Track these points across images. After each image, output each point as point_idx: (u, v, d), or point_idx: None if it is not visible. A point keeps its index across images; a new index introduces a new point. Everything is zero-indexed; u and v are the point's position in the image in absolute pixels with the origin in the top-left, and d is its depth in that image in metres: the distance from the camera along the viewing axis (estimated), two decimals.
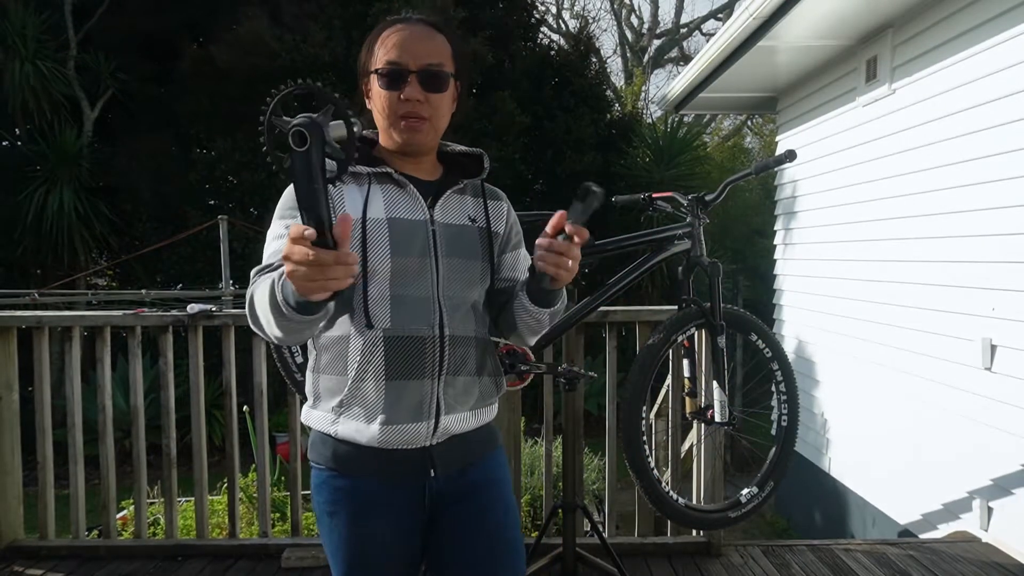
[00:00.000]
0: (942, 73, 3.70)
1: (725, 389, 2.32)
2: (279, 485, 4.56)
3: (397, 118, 1.24)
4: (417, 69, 1.22)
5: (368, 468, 1.24)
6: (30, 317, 2.86)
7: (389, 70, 1.23)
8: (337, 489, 1.25)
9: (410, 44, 1.23)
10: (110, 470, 2.88)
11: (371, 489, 1.25)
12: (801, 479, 5.33)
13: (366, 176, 1.26)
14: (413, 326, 1.22)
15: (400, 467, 1.24)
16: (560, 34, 16.64)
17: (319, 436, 1.28)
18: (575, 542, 2.51)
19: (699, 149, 10.55)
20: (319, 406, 1.27)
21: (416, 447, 1.24)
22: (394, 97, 1.23)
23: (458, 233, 1.28)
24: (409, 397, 1.22)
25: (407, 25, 1.26)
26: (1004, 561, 2.89)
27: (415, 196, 1.27)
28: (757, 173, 2.39)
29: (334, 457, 1.25)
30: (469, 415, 1.29)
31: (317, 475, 1.28)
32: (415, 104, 1.23)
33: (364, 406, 1.22)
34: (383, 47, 1.24)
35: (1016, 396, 3.14)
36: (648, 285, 8.50)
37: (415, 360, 1.21)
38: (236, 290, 7.13)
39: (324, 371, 1.26)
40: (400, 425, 1.21)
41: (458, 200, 1.32)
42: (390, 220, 1.23)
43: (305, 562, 2.74)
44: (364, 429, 1.22)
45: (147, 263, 8.24)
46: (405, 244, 1.22)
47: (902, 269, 4.07)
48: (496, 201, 1.39)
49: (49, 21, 8.06)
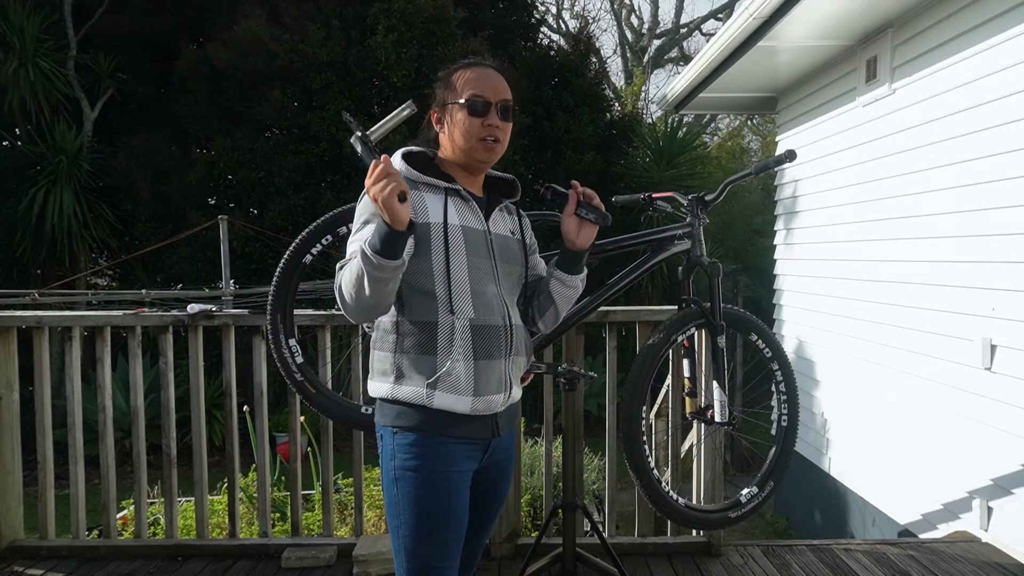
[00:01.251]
0: (942, 73, 3.70)
1: (725, 389, 2.32)
2: (279, 485, 4.56)
3: (479, 140, 1.54)
4: (496, 102, 1.54)
5: (457, 430, 1.52)
6: (30, 317, 2.86)
7: (475, 102, 1.53)
8: (427, 445, 1.50)
9: (491, 83, 1.55)
10: (110, 470, 2.88)
11: (454, 446, 1.52)
12: (801, 479, 5.33)
13: (442, 189, 1.54)
14: (491, 317, 1.52)
15: (478, 428, 1.55)
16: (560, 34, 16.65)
17: (410, 406, 1.50)
18: (575, 542, 2.51)
19: (699, 149, 10.56)
20: (406, 382, 1.50)
21: (490, 413, 1.55)
22: (478, 123, 1.53)
23: (506, 243, 1.61)
24: (492, 373, 1.52)
25: (484, 69, 1.57)
26: (1004, 561, 2.89)
27: (476, 210, 1.57)
28: (757, 173, 2.40)
29: (428, 421, 1.49)
30: (518, 388, 1.62)
31: (404, 436, 1.51)
32: (494, 129, 1.54)
33: (458, 381, 1.48)
34: (467, 85, 1.54)
35: (1016, 396, 3.14)
36: (648, 285, 8.50)
37: (494, 344, 1.52)
38: (236, 290, 7.13)
39: (410, 352, 1.50)
40: (488, 396, 1.52)
41: (501, 216, 1.65)
42: (464, 227, 1.53)
43: (305, 562, 2.74)
44: (460, 400, 1.49)
45: (147, 263, 8.24)
46: (475, 247, 1.53)
47: (902, 269, 4.07)
48: (525, 219, 1.73)
49: (49, 21, 8.07)
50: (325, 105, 8.03)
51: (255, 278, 7.82)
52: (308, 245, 2.18)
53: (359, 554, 2.64)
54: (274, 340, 2.22)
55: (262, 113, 8.08)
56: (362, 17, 8.19)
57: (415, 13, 7.96)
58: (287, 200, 7.98)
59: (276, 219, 7.93)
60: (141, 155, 8.18)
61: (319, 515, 3.54)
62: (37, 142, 7.98)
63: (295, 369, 2.23)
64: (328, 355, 2.73)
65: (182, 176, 8.13)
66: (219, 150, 8.10)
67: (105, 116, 8.65)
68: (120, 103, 8.70)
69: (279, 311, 2.21)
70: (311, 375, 2.26)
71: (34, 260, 8.26)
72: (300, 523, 2.93)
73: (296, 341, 2.24)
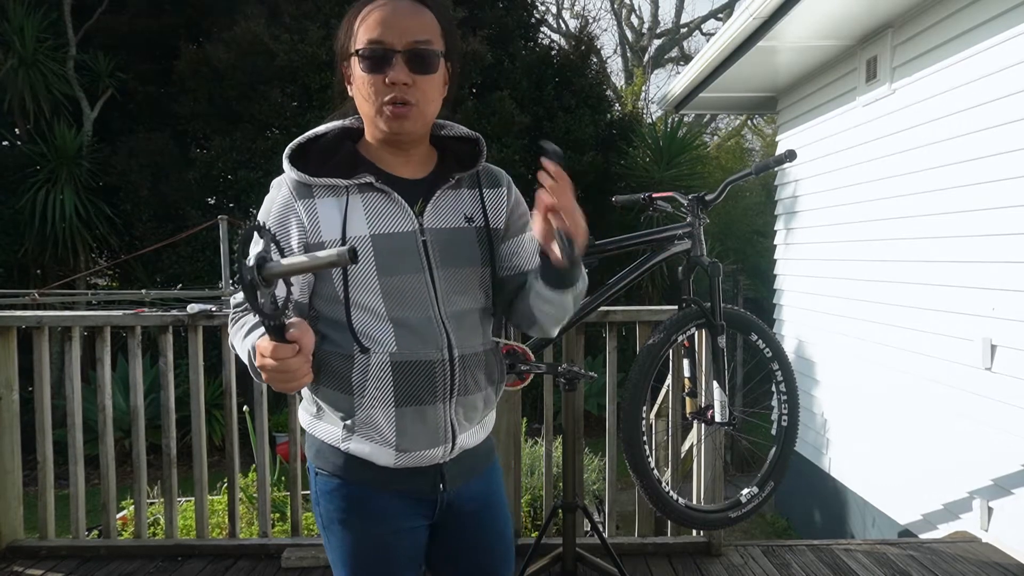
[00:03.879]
0: (942, 73, 3.70)
1: (725, 389, 2.31)
2: (279, 485, 4.56)
3: (381, 105, 1.12)
4: (403, 48, 1.10)
5: (382, 483, 1.20)
6: (30, 317, 2.85)
7: (372, 51, 1.10)
8: (349, 497, 1.20)
9: (394, 21, 1.10)
10: (110, 470, 2.88)
11: (384, 501, 1.21)
12: (801, 479, 5.33)
13: (344, 188, 1.15)
14: (421, 349, 1.14)
15: (413, 483, 1.21)
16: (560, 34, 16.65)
17: (327, 446, 1.21)
18: (575, 542, 2.51)
19: (699, 149, 10.55)
20: (324, 417, 1.21)
21: (430, 465, 1.21)
22: (378, 81, 1.11)
23: (452, 239, 1.18)
24: (423, 423, 1.16)
25: (390, 1, 1.12)
26: (1004, 561, 2.89)
27: (401, 204, 1.16)
28: (757, 173, 2.39)
29: (346, 468, 1.20)
30: (478, 428, 1.26)
31: (325, 482, 1.22)
32: (401, 88, 1.10)
33: (376, 432, 1.16)
34: (363, 25, 1.12)
35: (1016, 396, 3.14)
36: (648, 285, 8.49)
37: (424, 385, 1.15)
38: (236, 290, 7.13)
39: (324, 384, 1.18)
40: (417, 452, 1.18)
41: (453, 197, 1.21)
42: (374, 237, 1.13)
43: (305, 562, 2.74)
44: (379, 453, 1.17)
45: (147, 263, 8.23)
46: (394, 262, 1.14)
47: (902, 269, 4.07)
48: (494, 189, 1.26)
49: (48, 20, 8.06)
50: (325, 105, 8.02)
51: None
52: None
53: None
54: None
55: (261, 113, 8.08)
56: None
57: None
58: None
59: None
60: (141, 155, 8.18)
61: None
62: (37, 142, 7.97)
63: None
64: None
65: (182, 176, 8.13)
66: (218, 150, 8.09)
67: (105, 116, 8.64)
68: (120, 103, 8.69)
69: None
70: None
71: (34, 260, 8.26)
72: (300, 523, 2.93)
73: None
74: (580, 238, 1.07)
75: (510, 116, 8.33)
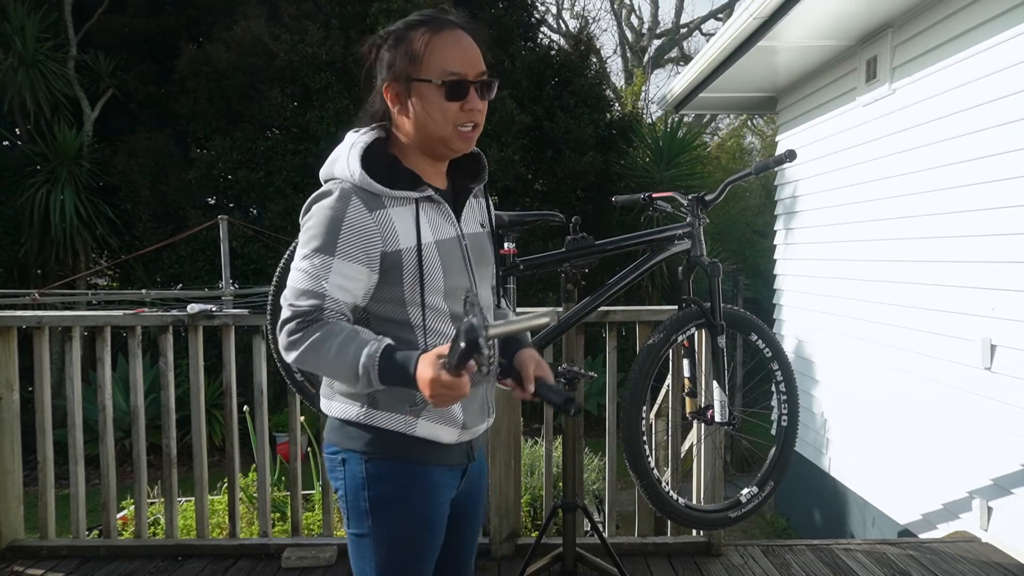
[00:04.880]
0: (942, 73, 3.70)
1: (725, 389, 2.32)
2: (279, 485, 4.56)
3: (456, 128, 1.25)
4: (475, 79, 1.25)
5: (436, 459, 1.34)
6: (30, 317, 2.86)
7: (453, 82, 1.23)
8: (408, 475, 1.32)
9: (466, 55, 1.24)
10: (110, 470, 2.88)
11: (436, 475, 1.35)
12: (801, 479, 5.33)
13: (413, 200, 1.28)
14: None
15: (457, 454, 1.37)
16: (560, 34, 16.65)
17: (387, 432, 1.30)
18: (575, 542, 2.52)
19: (699, 149, 10.55)
20: (383, 407, 1.30)
21: (472, 438, 1.39)
22: (456, 107, 1.24)
23: (479, 242, 1.38)
24: (476, 401, 1.35)
25: (454, 32, 1.25)
26: (1004, 561, 2.89)
27: (448, 212, 1.32)
28: (757, 173, 2.40)
29: (408, 449, 1.31)
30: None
31: (379, 465, 1.31)
32: (476, 114, 1.26)
33: (448, 413, 1.31)
34: (435, 55, 1.23)
35: (1016, 396, 3.14)
36: (648, 285, 8.49)
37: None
38: (236, 290, 7.13)
39: None
40: (474, 428, 1.36)
41: (471, 208, 1.39)
42: (437, 243, 1.28)
43: (305, 562, 2.74)
44: (445, 433, 1.32)
45: (147, 263, 8.24)
46: (451, 263, 1.29)
47: (902, 269, 4.08)
48: (488, 199, 1.47)
49: (49, 20, 8.07)
50: (325, 105, 8.03)
51: (254, 278, 7.82)
52: None
53: None
54: (274, 340, 2.22)
55: (262, 113, 8.09)
56: (361, 17, 8.19)
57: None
58: (286, 200, 7.98)
59: (275, 219, 7.94)
60: (141, 155, 8.18)
61: (319, 515, 3.54)
62: (37, 142, 7.98)
63: (295, 370, 2.23)
64: None
65: (182, 176, 8.14)
66: (219, 150, 8.10)
67: (105, 116, 8.65)
68: (120, 103, 8.69)
69: (279, 311, 2.21)
70: (311, 375, 2.26)
71: (34, 260, 8.27)
72: (300, 523, 2.93)
73: None
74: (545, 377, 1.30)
75: (510, 116, 8.33)
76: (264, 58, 8.02)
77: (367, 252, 1.23)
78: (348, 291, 1.23)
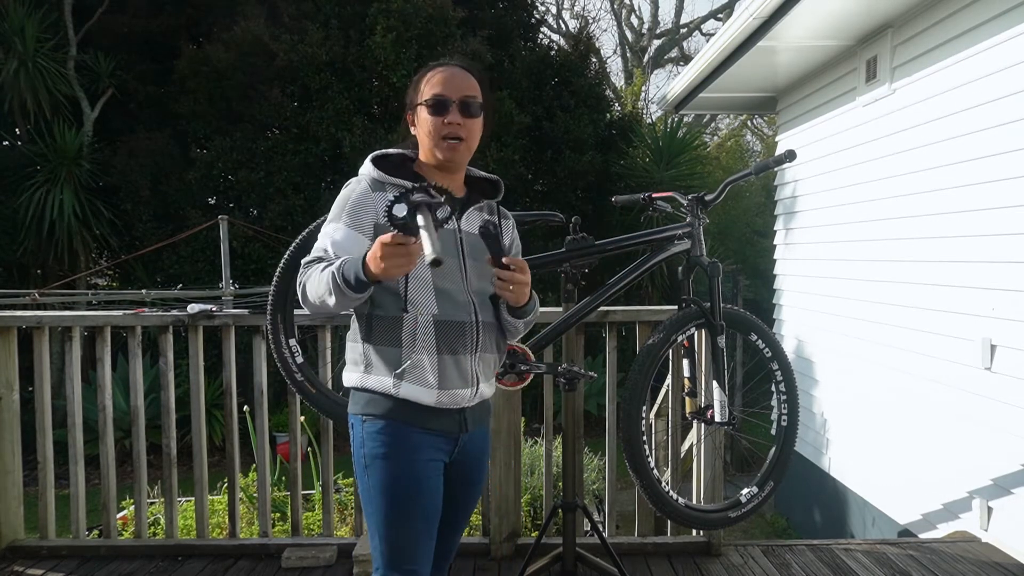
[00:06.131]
0: (942, 73, 3.70)
1: (725, 389, 2.32)
2: (279, 485, 4.56)
3: (440, 139, 1.56)
4: (457, 100, 1.56)
5: (422, 421, 1.55)
6: (30, 317, 2.86)
7: (436, 100, 1.56)
8: (394, 433, 1.54)
9: (451, 81, 1.58)
10: (110, 470, 2.88)
11: (420, 436, 1.56)
12: (801, 479, 5.33)
13: (410, 188, 1.49)
14: (456, 313, 1.54)
15: (445, 423, 1.58)
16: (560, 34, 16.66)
17: (378, 395, 1.55)
18: (575, 542, 2.52)
19: (699, 149, 10.55)
20: (374, 371, 1.55)
21: (458, 407, 1.58)
22: (439, 122, 1.55)
23: (477, 241, 1.59)
24: (456, 368, 1.54)
25: (448, 67, 1.61)
26: (1004, 561, 2.89)
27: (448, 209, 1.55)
28: (757, 173, 2.40)
29: (394, 410, 1.54)
30: (490, 384, 1.65)
31: (372, 424, 1.55)
32: (455, 127, 1.55)
33: (423, 373, 1.52)
34: (429, 84, 1.58)
35: (1016, 396, 3.14)
36: (648, 285, 8.50)
37: (458, 340, 1.54)
38: (236, 290, 7.13)
39: (378, 343, 1.54)
40: (452, 391, 1.54)
41: (477, 215, 1.66)
42: None
43: (305, 562, 2.74)
44: (423, 393, 1.53)
45: (147, 263, 8.23)
46: (443, 246, 1.46)
47: (902, 269, 4.08)
48: (506, 220, 1.74)
49: (49, 20, 8.06)
50: (325, 105, 8.03)
51: (254, 278, 7.82)
52: (308, 245, 2.17)
53: (359, 554, 2.64)
54: (274, 340, 2.23)
55: (262, 113, 8.08)
56: (361, 17, 8.19)
57: (414, 13, 7.95)
58: (287, 200, 7.98)
59: (275, 219, 7.93)
60: (141, 155, 8.17)
61: (319, 515, 3.54)
62: (37, 142, 7.97)
63: (295, 369, 2.23)
64: (328, 355, 2.73)
65: (182, 176, 8.13)
66: (219, 150, 8.10)
67: (105, 116, 8.64)
68: (120, 103, 8.68)
69: (279, 311, 2.21)
70: (311, 375, 2.27)
71: (34, 260, 8.26)
72: (300, 523, 2.93)
73: (296, 341, 2.24)
74: (515, 301, 1.54)
75: (510, 116, 8.33)
76: (264, 58, 8.02)
77: (365, 221, 1.53)
78: (348, 251, 1.48)
